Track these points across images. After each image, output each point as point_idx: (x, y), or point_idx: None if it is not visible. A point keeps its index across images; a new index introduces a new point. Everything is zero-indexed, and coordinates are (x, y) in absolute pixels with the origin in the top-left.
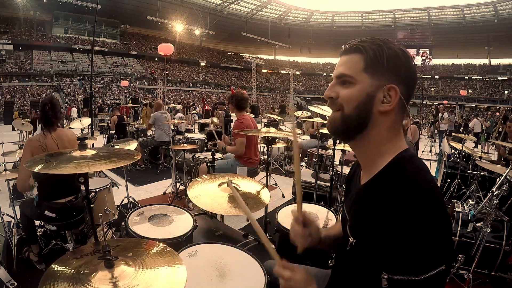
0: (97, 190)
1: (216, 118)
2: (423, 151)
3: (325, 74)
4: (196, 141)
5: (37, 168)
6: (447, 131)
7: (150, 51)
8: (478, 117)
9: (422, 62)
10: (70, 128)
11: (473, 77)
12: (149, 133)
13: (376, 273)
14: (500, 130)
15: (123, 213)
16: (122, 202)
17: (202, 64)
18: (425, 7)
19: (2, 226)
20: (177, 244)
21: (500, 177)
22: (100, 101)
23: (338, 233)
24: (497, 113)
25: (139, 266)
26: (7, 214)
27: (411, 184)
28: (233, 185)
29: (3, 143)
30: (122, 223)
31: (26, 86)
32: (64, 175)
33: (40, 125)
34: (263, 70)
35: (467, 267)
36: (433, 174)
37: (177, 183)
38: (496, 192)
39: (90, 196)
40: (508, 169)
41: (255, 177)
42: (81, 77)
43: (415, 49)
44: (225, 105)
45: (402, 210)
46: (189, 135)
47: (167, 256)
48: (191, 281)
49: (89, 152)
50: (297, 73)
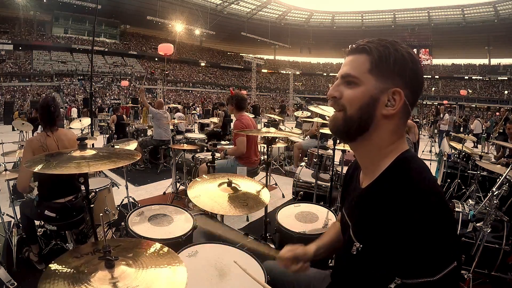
0: (97, 190)
1: (216, 118)
2: (423, 151)
3: (325, 74)
4: (196, 141)
5: (37, 168)
6: (447, 131)
7: (150, 51)
8: (478, 118)
9: (422, 62)
10: (70, 128)
11: (473, 77)
12: (149, 133)
13: (387, 278)
14: (500, 130)
15: (123, 213)
16: (122, 202)
17: (202, 64)
18: (425, 7)
19: (2, 226)
20: (177, 244)
21: (500, 177)
22: (100, 101)
23: (334, 239)
24: (497, 113)
25: (139, 267)
26: (7, 214)
27: (417, 185)
28: (233, 185)
29: (3, 143)
30: (122, 223)
31: (26, 86)
32: (64, 175)
33: (40, 125)
34: (263, 70)
35: (467, 267)
36: (433, 174)
37: (177, 183)
38: (496, 192)
39: (90, 196)
40: (508, 169)
41: (255, 177)
42: (81, 77)
43: (415, 49)
44: (225, 106)
45: (410, 212)
46: (189, 135)
47: (167, 256)
48: (191, 281)
49: (89, 152)
50: (297, 73)
